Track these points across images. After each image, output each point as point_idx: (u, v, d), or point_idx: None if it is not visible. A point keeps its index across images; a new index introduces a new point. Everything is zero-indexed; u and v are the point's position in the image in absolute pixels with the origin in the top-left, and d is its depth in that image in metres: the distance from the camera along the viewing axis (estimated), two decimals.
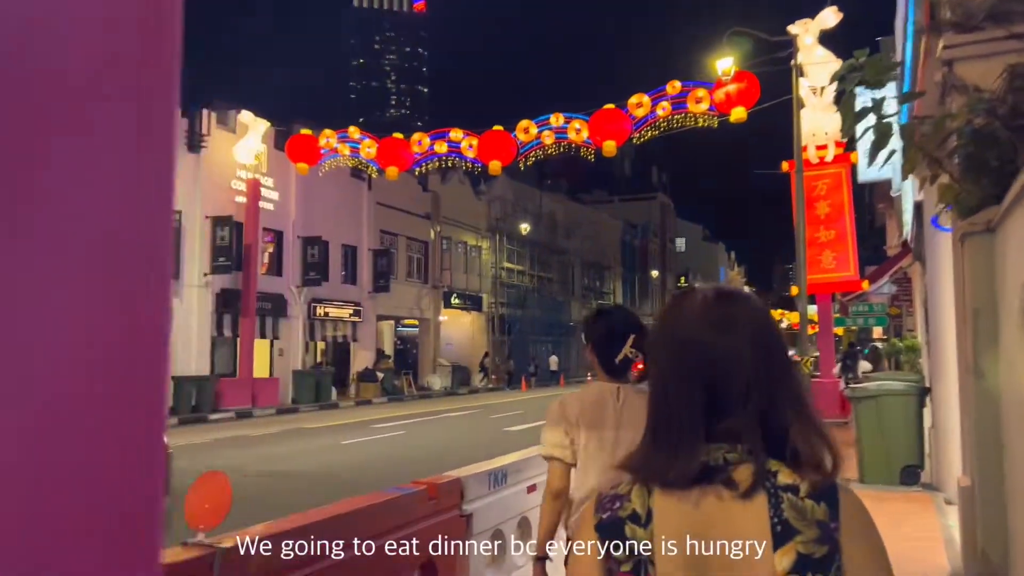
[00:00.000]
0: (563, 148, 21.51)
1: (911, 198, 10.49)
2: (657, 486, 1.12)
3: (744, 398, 1.10)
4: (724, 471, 1.08)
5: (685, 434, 1.11)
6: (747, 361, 1.11)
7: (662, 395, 1.17)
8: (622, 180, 78.62)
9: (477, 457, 10.60)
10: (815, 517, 1.06)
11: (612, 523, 1.13)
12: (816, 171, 18.44)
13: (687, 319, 1.17)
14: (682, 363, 1.15)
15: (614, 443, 2.73)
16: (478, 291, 38.90)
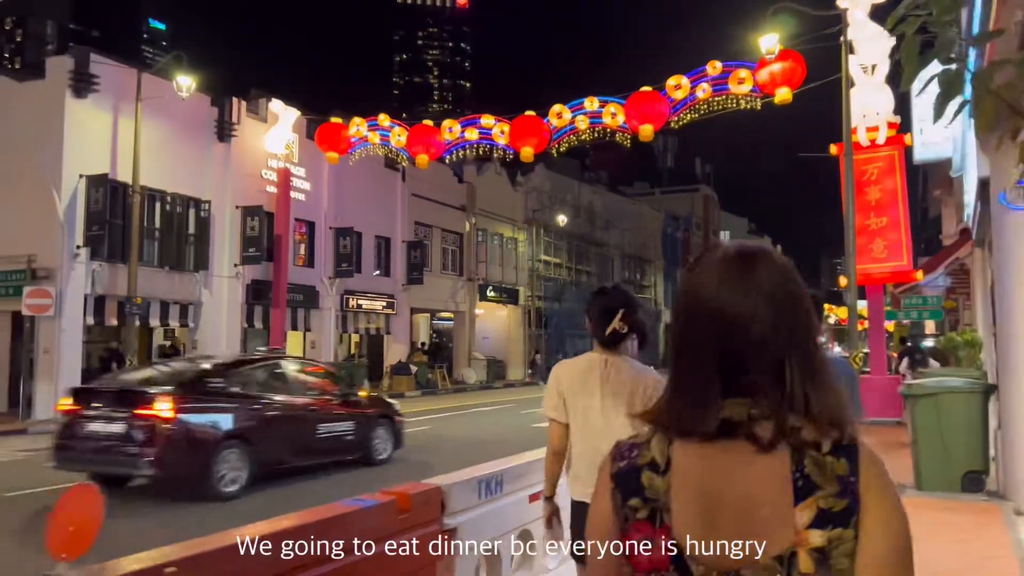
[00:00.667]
0: (598, 133, 20.69)
1: (974, 176, 9.53)
2: (677, 436, 1.12)
3: (758, 355, 1.09)
4: (747, 426, 1.08)
5: (699, 388, 1.11)
6: (761, 319, 1.10)
7: (678, 350, 1.17)
8: (664, 172, 77.26)
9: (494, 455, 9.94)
10: (835, 472, 1.06)
11: (629, 471, 1.14)
12: (867, 154, 17.35)
13: (703, 276, 1.16)
14: (696, 319, 1.15)
15: (600, 407, 3.06)
16: (514, 284, 38.24)
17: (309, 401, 10.63)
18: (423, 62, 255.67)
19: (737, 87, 18.96)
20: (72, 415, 9.11)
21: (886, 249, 17.42)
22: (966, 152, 9.77)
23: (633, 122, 19.88)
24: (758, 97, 18.82)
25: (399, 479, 7.24)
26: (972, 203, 10.93)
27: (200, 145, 22.43)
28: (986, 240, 11.67)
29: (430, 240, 32.51)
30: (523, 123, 20.91)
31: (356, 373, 26.32)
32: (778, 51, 18.18)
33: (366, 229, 28.51)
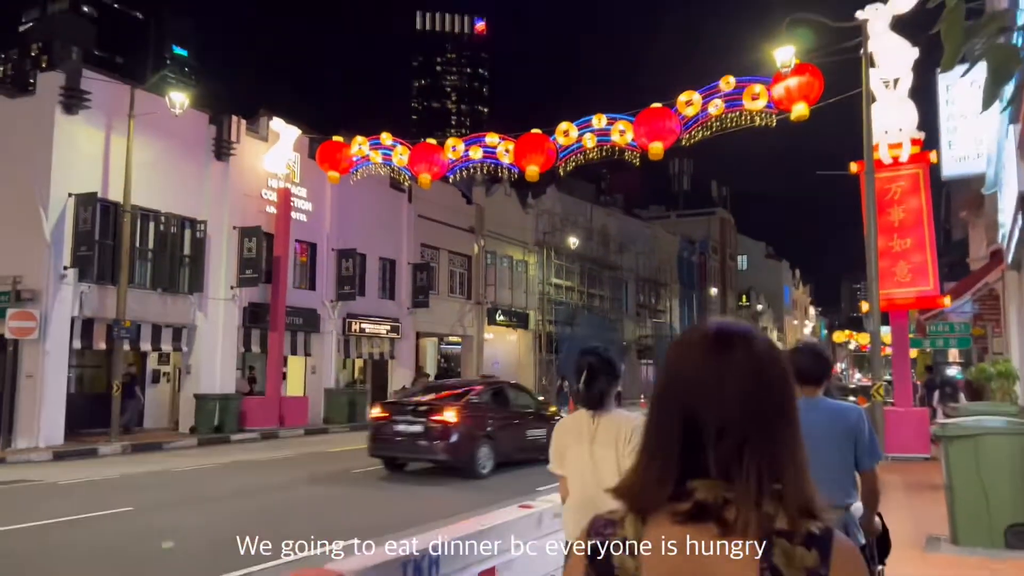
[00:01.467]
0: (606, 152, 19.87)
1: (1013, 191, 8.58)
2: (639, 513, 1.12)
3: (723, 437, 1.08)
4: (719, 509, 1.07)
5: (661, 464, 1.11)
6: (730, 402, 1.09)
7: (648, 426, 1.17)
8: (680, 195, 76.39)
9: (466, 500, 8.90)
10: (804, 564, 1.05)
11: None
12: (890, 172, 16.38)
13: (681, 354, 1.17)
14: (667, 396, 1.15)
15: (589, 457, 3.33)
16: (524, 308, 37.35)
17: (520, 414, 14.66)
18: (441, 87, 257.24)
19: (751, 103, 18.11)
20: (382, 420, 13.53)
21: (910, 273, 16.38)
22: (1003, 165, 8.83)
23: (642, 140, 19.06)
24: (773, 113, 17.95)
25: None
26: (1008, 222, 9.96)
27: (197, 164, 21.84)
28: (1023, 262, 10.69)
29: (437, 262, 31.74)
30: (528, 141, 20.15)
31: (357, 400, 25.50)
32: (794, 65, 17.34)
33: (370, 251, 27.79)
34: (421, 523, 8.95)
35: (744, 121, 18.26)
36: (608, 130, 19.63)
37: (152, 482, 12.85)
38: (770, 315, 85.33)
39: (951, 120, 11.44)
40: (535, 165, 20.06)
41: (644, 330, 50.84)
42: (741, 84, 18.29)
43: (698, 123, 18.61)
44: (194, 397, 20.89)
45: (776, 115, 17.90)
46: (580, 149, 19.93)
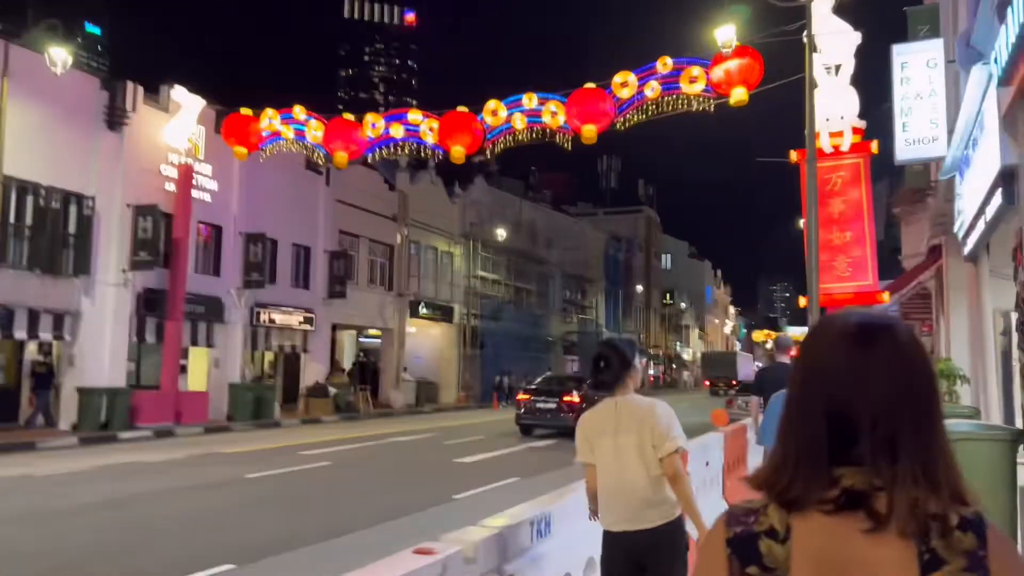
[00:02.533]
0: (537, 134, 18.65)
1: (983, 171, 7.73)
2: (788, 505, 1.10)
3: (875, 430, 1.09)
4: (868, 498, 1.07)
5: (810, 459, 1.10)
6: (881, 397, 1.09)
7: (789, 418, 1.16)
8: (607, 193, 76.21)
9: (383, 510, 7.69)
10: (963, 547, 1.05)
11: (746, 537, 1.12)
12: (830, 162, 15.70)
13: (820, 348, 1.16)
14: (811, 391, 1.14)
15: (614, 444, 3.53)
16: (449, 301, 35.97)
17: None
18: (369, 78, 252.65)
19: (689, 86, 17.16)
20: (527, 400, 20.41)
21: (850, 267, 15.74)
22: (975, 142, 7.97)
23: (575, 122, 17.93)
24: (711, 98, 17.05)
25: None
26: (970, 208, 9.16)
27: (85, 133, 19.69)
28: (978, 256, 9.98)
29: (356, 251, 30.05)
30: (454, 119, 18.78)
31: (265, 395, 23.69)
32: (735, 47, 16.55)
33: (282, 236, 25.94)
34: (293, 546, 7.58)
35: (681, 105, 17.33)
36: (539, 111, 18.43)
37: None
38: (692, 314, 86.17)
39: (905, 100, 10.70)
40: (461, 146, 18.73)
41: (570, 326, 50.11)
42: (679, 66, 17.34)
43: (633, 106, 17.58)
44: (77, 391, 18.78)
45: (715, 100, 17.05)
46: (509, 130, 18.66)
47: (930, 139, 10.43)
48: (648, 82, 17.45)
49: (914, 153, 10.56)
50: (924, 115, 10.47)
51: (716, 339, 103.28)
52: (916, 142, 10.51)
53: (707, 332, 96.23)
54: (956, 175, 9.85)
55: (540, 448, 17.31)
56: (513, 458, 15.44)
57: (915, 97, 10.58)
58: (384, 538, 8.19)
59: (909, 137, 10.51)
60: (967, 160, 8.79)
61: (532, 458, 15.46)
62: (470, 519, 8.90)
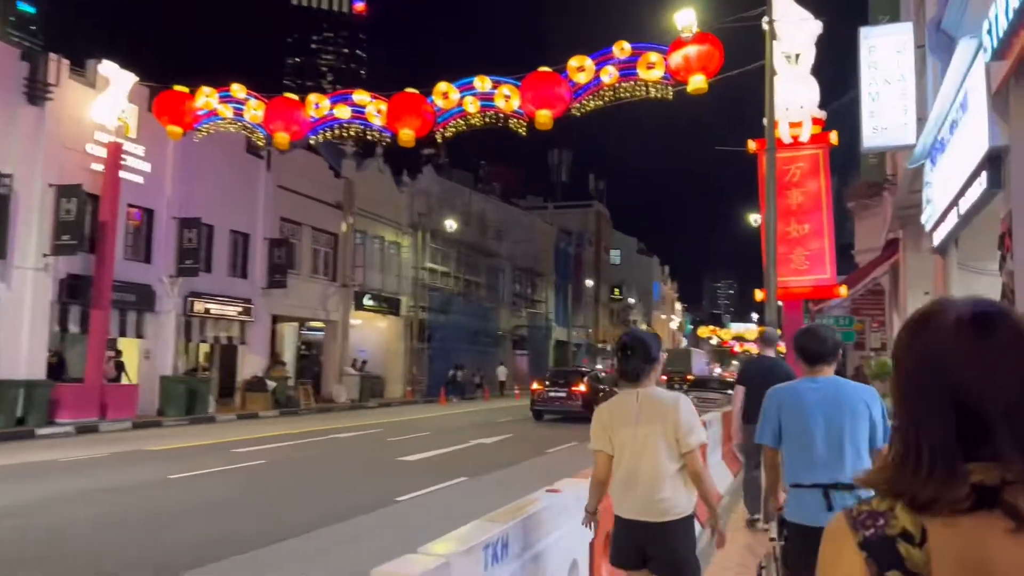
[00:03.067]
0: (489, 119, 17.94)
1: (964, 155, 7.29)
2: (916, 506, 1.07)
3: (1006, 424, 1.04)
4: (1000, 495, 1.03)
5: (939, 462, 1.06)
6: (1009, 388, 1.05)
7: (909, 416, 1.12)
8: (558, 186, 75.83)
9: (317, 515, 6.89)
10: None
11: (880, 540, 1.07)
12: (789, 152, 15.35)
13: (935, 341, 1.11)
14: (930, 387, 1.09)
15: (634, 435, 3.58)
16: (396, 293, 34.99)
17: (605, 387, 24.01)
18: (316, 67, 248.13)
19: (647, 72, 16.66)
20: (541, 391, 23.83)
21: (807, 260, 15.41)
22: (954, 125, 7.52)
23: (529, 106, 17.25)
24: (670, 85, 16.59)
25: None
26: (943, 196, 8.75)
27: (3, 107, 18.28)
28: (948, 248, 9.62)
29: (299, 239, 28.89)
30: (403, 101, 17.93)
31: (199, 389, 22.50)
32: (695, 32, 16.09)
33: (219, 222, 24.70)
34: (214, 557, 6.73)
35: (639, 92, 16.81)
36: (492, 94, 17.73)
37: None
38: (640, 309, 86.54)
39: (873, 86, 10.30)
40: (410, 129, 17.91)
41: (520, 320, 49.55)
42: (636, 51, 16.83)
43: (589, 91, 17.02)
44: None
45: (673, 87, 16.57)
46: (461, 114, 17.93)
47: (898, 126, 10.03)
48: (605, 67, 16.90)
49: (881, 140, 10.16)
50: (892, 102, 10.06)
51: (663, 334, 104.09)
52: (883, 129, 10.11)
53: (654, 327, 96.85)
54: (927, 163, 9.46)
55: (488, 445, 16.64)
56: (460, 456, 14.73)
57: (883, 82, 10.17)
58: (317, 546, 7.41)
59: (877, 124, 10.09)
60: (942, 145, 8.38)
61: (481, 456, 14.77)
62: (412, 525, 8.14)
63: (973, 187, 7.11)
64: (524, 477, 12.12)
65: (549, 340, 53.88)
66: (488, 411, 28.15)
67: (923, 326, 1.14)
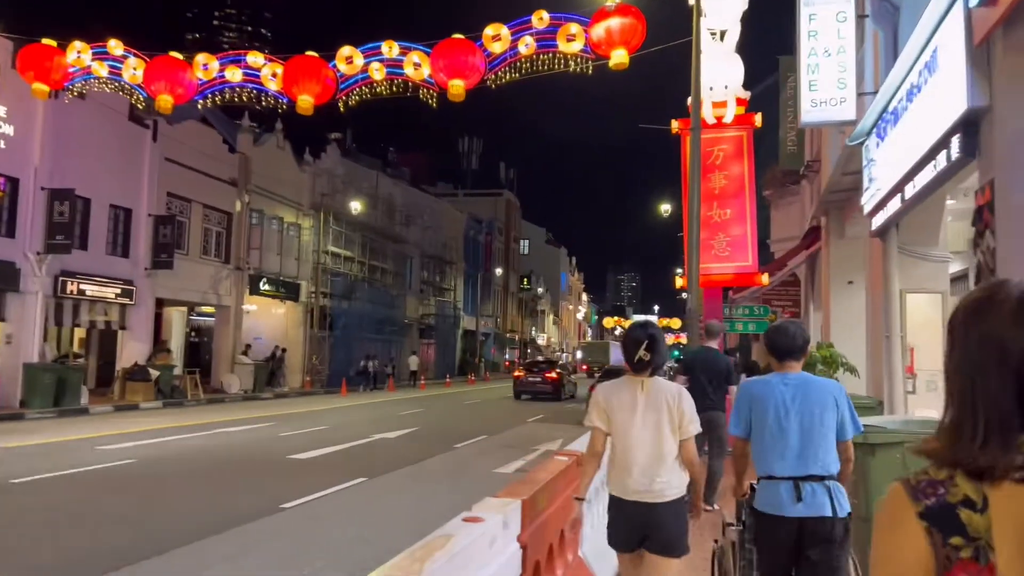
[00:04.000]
0: (397, 87, 16.59)
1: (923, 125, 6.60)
2: (974, 475, 1.10)
3: None
4: None
5: (1000, 429, 1.10)
6: None
7: (971, 389, 1.14)
8: (468, 174, 74.58)
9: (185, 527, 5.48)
10: None
11: (942, 508, 1.10)
12: (713, 133, 14.76)
13: (998, 319, 1.15)
14: (994, 364, 1.13)
15: (636, 421, 3.83)
16: (295, 277, 33.08)
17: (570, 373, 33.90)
18: (218, 44, 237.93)
19: (566, 45, 15.63)
20: (523, 375, 31.41)
21: (729, 246, 14.89)
22: (915, 90, 6.82)
23: (441, 76, 15.97)
24: (590, 59, 15.70)
25: None
26: (890, 175, 8.12)
27: None
28: (887, 233, 9.04)
29: (187, 217, 26.71)
30: (301, 64, 16.33)
31: (70, 378, 20.30)
32: (617, 3, 15.24)
33: (96, 195, 22.42)
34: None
35: (558, 65, 15.83)
36: (400, 61, 16.37)
37: None
38: (548, 299, 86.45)
39: (813, 57, 9.64)
40: (309, 95, 16.35)
41: (428, 308, 48.21)
42: (556, 22, 15.79)
43: (506, 62, 15.86)
44: None
45: (593, 61, 15.67)
46: (366, 81, 16.48)
47: (838, 100, 9.38)
48: (522, 37, 15.76)
49: (821, 115, 9.49)
50: (832, 74, 9.40)
51: (569, 325, 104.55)
52: (822, 103, 9.44)
53: (561, 318, 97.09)
54: (871, 139, 8.83)
55: (391, 440, 15.41)
56: (360, 452, 13.47)
57: (823, 53, 9.50)
58: (171, 570, 6.10)
59: (816, 98, 9.41)
60: (894, 116, 7.71)
61: (382, 452, 13.55)
62: (300, 540, 6.85)
63: (938, 158, 6.41)
64: (430, 477, 11.01)
65: (457, 329, 52.75)
66: (393, 403, 26.83)
67: (987, 303, 1.17)
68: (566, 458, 5.46)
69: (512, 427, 18.45)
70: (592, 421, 3.94)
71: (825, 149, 13.82)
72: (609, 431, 3.89)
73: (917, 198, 7.18)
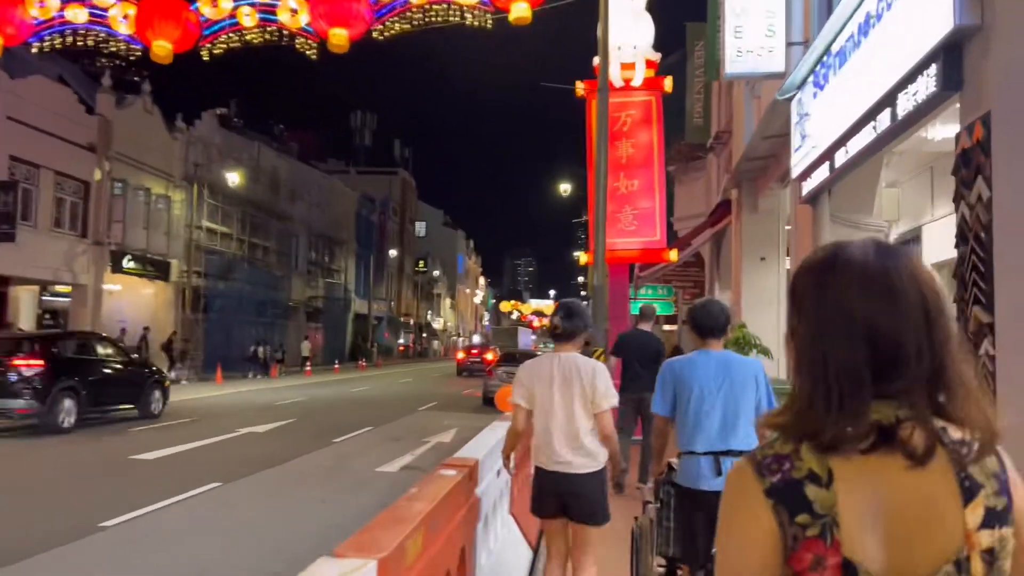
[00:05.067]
0: (271, 35, 14.75)
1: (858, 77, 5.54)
2: (821, 447, 1.03)
3: (911, 364, 1.03)
4: (897, 431, 1.02)
5: (850, 397, 1.03)
6: (916, 328, 1.04)
7: (820, 357, 1.07)
8: (361, 151, 71.84)
9: None
10: (991, 470, 1.04)
11: (787, 485, 1.03)
12: (620, 97, 13.62)
13: (844, 283, 1.07)
14: (839, 329, 1.06)
15: (551, 393, 3.98)
16: (165, 255, 30.23)
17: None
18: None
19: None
20: (465, 358, 39.66)
21: (636, 220, 13.81)
22: (874, 22, 5.73)
23: (320, 24, 14.17)
24: (489, 12, 14.28)
25: None
26: (829, 130, 7.11)
27: None
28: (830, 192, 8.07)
29: (35, 184, 23.65)
30: (156, 5, 14.20)
31: None
32: None
33: None
34: None
35: (453, 17, 14.35)
36: (275, 6, 14.58)
37: None
38: (445, 282, 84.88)
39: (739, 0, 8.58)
40: (166, 40, 14.28)
41: (315, 290, 45.78)
42: None
43: (395, 12, 14.32)
44: None
45: (492, 15, 14.27)
46: (234, 27, 14.60)
47: (766, 50, 8.34)
48: None
49: (746, 65, 8.44)
50: (760, 20, 8.36)
51: (466, 309, 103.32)
52: (749, 53, 8.39)
53: (458, 301, 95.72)
54: (806, 90, 7.80)
55: (261, 435, 13.62)
56: (220, 450, 11.69)
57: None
58: None
59: (742, 46, 8.35)
60: (840, 58, 6.66)
61: (248, 449, 11.81)
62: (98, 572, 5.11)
63: (903, 97, 5.34)
64: (298, 480, 9.41)
65: (348, 313, 50.50)
66: (273, 391, 24.78)
67: (829, 269, 1.10)
68: (454, 472, 4.10)
69: (401, 416, 16.94)
70: (514, 398, 4.10)
71: (739, 116, 12.92)
72: (531, 406, 4.05)
73: (870, 150, 6.14)
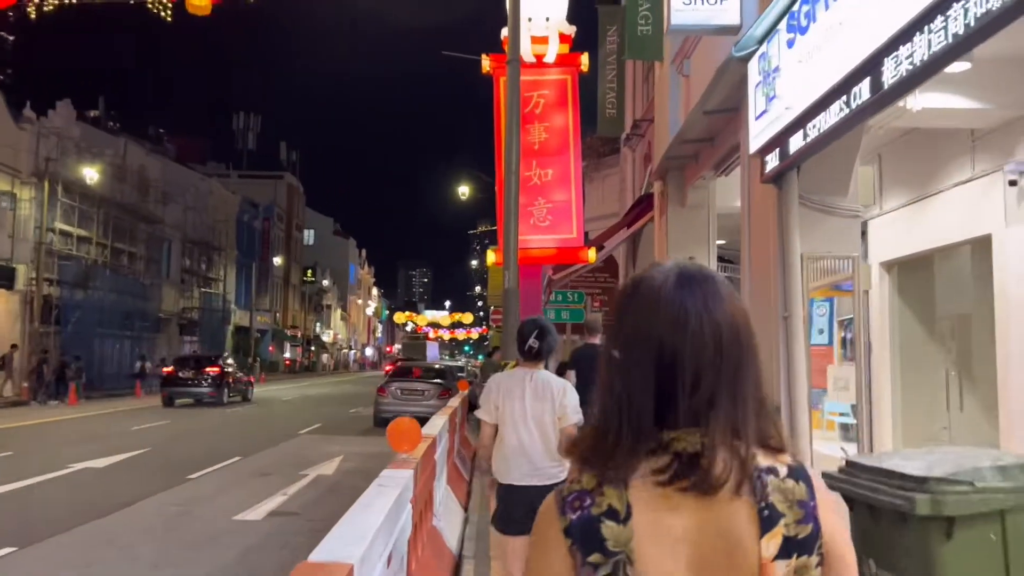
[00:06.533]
0: None
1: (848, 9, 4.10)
2: (623, 482, 1.02)
3: (698, 386, 1.01)
4: (698, 460, 0.99)
5: (636, 428, 1.02)
6: (704, 350, 1.02)
7: (610, 384, 1.08)
8: (244, 154, 67.89)
9: None
10: (796, 497, 1.02)
11: (584, 523, 1.01)
12: (533, 75, 12.05)
13: (644, 309, 1.07)
14: (636, 355, 1.05)
15: (522, 409, 4.06)
16: (9, 260, 26.58)
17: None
18: None
19: None
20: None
21: (550, 215, 12.26)
22: None
23: None
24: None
25: None
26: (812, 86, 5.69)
27: None
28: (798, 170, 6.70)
29: None
30: None
31: None
32: None
33: None
34: None
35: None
36: None
37: None
38: (335, 292, 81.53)
39: None
40: None
41: (190, 301, 42.24)
42: None
43: None
44: None
45: None
46: None
47: (716, 0, 6.92)
48: None
49: (696, 16, 7.00)
50: None
51: (358, 320, 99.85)
52: (700, 1, 6.94)
53: (350, 313, 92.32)
54: (773, 43, 6.38)
55: (100, 471, 11.15)
56: (42, 493, 9.28)
57: None
58: None
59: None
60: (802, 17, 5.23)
61: (78, 490, 9.44)
62: None
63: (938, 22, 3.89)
64: (127, 539, 7.21)
65: (227, 325, 46.98)
66: (132, 413, 21.81)
67: (632, 295, 1.09)
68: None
69: (277, 443, 14.68)
70: (482, 415, 4.20)
71: (662, 100, 11.55)
72: (496, 422, 4.12)
73: (878, 103, 4.72)
